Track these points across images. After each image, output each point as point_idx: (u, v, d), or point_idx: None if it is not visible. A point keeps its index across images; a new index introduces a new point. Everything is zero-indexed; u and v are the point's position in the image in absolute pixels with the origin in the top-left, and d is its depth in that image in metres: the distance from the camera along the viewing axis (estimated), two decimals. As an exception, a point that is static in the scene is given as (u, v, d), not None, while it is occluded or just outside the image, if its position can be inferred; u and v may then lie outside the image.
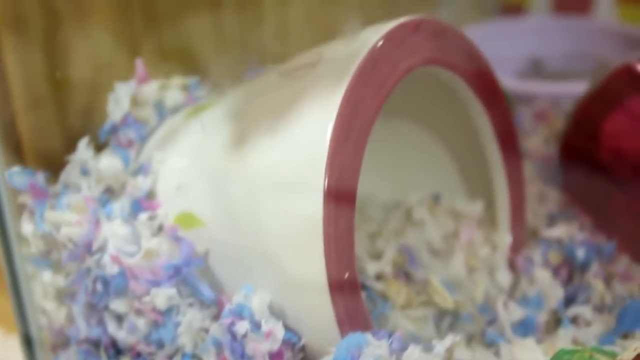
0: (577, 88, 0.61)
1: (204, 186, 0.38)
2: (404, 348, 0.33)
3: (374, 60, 0.35)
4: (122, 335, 0.39)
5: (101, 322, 0.39)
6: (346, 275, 0.33)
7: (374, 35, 0.36)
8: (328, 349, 0.33)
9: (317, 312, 0.34)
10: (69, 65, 0.50)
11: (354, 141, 0.34)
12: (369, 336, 0.33)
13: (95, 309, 0.39)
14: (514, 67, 0.82)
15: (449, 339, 0.34)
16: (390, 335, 0.34)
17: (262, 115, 0.37)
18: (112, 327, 0.39)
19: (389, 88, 0.36)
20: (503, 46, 0.82)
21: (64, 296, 0.41)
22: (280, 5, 0.68)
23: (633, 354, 0.32)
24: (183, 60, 0.58)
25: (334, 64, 0.36)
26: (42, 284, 0.41)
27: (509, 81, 0.67)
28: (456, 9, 0.87)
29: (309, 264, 0.33)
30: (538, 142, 0.58)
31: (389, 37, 0.36)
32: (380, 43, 0.36)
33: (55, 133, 0.50)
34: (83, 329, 0.40)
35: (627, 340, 0.39)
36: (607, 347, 0.37)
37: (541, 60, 0.82)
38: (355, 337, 0.33)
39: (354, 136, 0.34)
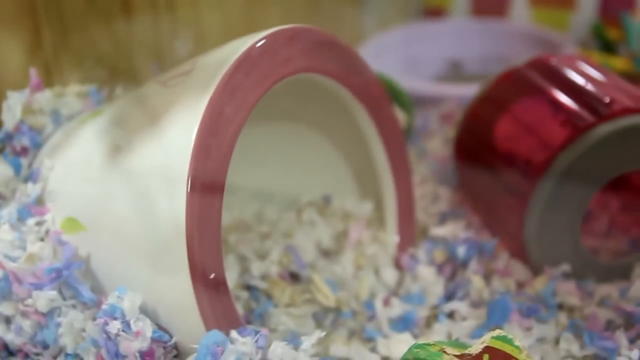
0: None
1: (86, 191, 0.40)
2: (266, 342, 0.35)
3: (243, 69, 0.37)
4: (10, 337, 0.40)
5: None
6: (212, 276, 0.35)
7: (244, 44, 0.38)
8: (194, 347, 0.34)
9: (184, 312, 0.35)
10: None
11: (219, 145, 0.36)
12: (233, 333, 0.35)
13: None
14: (434, 69, 0.84)
15: (316, 335, 0.36)
16: (257, 332, 0.35)
17: (138, 122, 0.38)
18: (1, 330, 0.40)
19: (258, 95, 0.37)
20: (424, 48, 0.84)
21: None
22: (196, 10, 0.69)
23: (480, 347, 0.34)
24: (93, 68, 0.59)
25: (204, 72, 0.37)
26: None
27: (419, 84, 0.69)
28: (379, 11, 0.89)
29: (175, 263, 0.35)
30: (439, 143, 0.60)
31: (259, 46, 0.38)
32: (250, 52, 0.37)
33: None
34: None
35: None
36: (466, 341, 0.39)
37: (460, 63, 0.84)
38: (216, 334, 0.34)
39: (220, 141, 0.36)
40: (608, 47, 0.76)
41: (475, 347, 0.34)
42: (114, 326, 0.35)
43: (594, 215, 0.52)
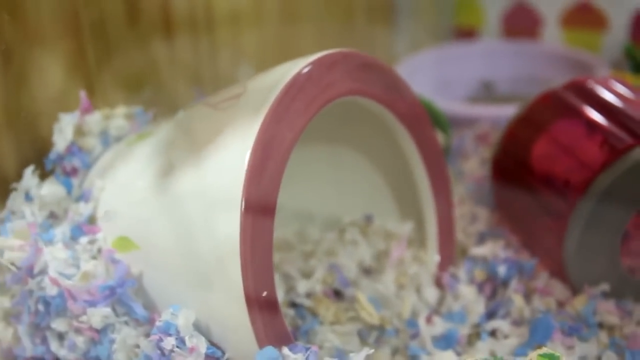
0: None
1: (138, 211, 0.41)
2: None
3: (291, 95, 0.38)
4: (63, 352, 0.41)
5: (45, 341, 0.42)
6: (264, 294, 0.36)
7: (291, 70, 0.39)
8: (247, 363, 0.35)
9: (237, 329, 0.36)
10: (22, 94, 0.53)
11: (271, 167, 0.37)
12: (285, 350, 0.35)
13: (39, 329, 0.42)
14: (466, 90, 0.85)
15: (364, 352, 0.37)
16: (307, 349, 0.36)
17: (190, 145, 0.39)
18: (54, 346, 0.41)
19: (306, 119, 0.39)
20: (456, 69, 0.85)
21: (9, 317, 0.43)
22: (234, 31, 0.70)
23: (527, 364, 0.34)
24: (136, 89, 0.61)
25: (255, 96, 0.38)
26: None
27: (453, 105, 0.70)
28: (411, 33, 0.90)
29: (228, 282, 0.36)
30: (476, 163, 0.61)
31: (305, 72, 0.39)
32: (297, 78, 0.38)
33: (10, 161, 0.52)
34: (28, 347, 0.42)
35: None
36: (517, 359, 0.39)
37: (492, 83, 0.85)
38: (270, 351, 0.35)
39: (272, 163, 0.37)
40: (640, 68, 0.76)
41: (522, 365, 0.34)
42: (169, 342, 0.36)
43: (632, 235, 0.52)
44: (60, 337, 0.41)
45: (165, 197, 0.39)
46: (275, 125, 0.37)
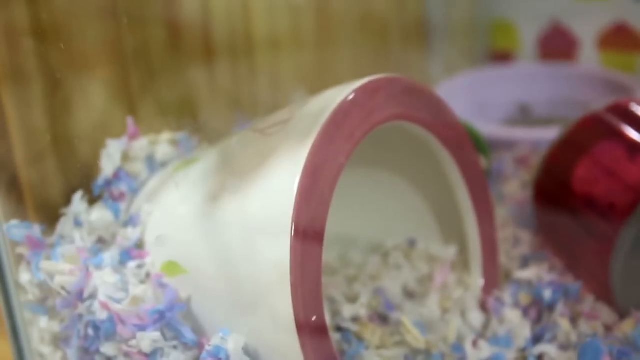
0: (556, 134, 0.64)
1: (186, 236, 0.41)
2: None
3: (337, 121, 0.38)
4: (112, 376, 0.41)
5: (92, 362, 0.42)
6: (313, 319, 0.36)
7: (337, 97, 0.39)
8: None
9: (287, 354, 0.36)
10: (68, 120, 0.54)
11: (320, 193, 0.37)
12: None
13: (88, 353, 0.42)
14: (503, 113, 0.85)
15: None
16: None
17: (237, 170, 0.40)
18: (103, 370, 0.42)
19: (354, 144, 0.39)
20: (492, 93, 0.85)
21: (59, 341, 0.44)
22: (273, 58, 0.71)
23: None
24: (178, 114, 0.61)
25: (302, 122, 0.39)
26: (39, 330, 0.44)
27: (492, 128, 0.70)
28: (446, 56, 0.91)
29: (278, 308, 0.36)
30: (516, 186, 0.61)
31: (350, 99, 0.39)
32: (342, 105, 0.38)
33: (56, 186, 0.53)
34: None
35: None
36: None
37: (528, 106, 0.85)
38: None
39: (320, 188, 0.37)
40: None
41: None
42: (219, 366, 0.37)
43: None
44: (109, 360, 0.42)
45: (211, 222, 0.40)
46: (323, 151, 0.37)
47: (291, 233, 0.36)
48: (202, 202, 0.41)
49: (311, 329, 0.36)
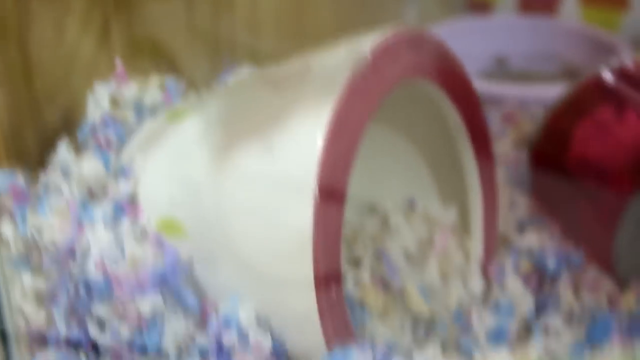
0: (545, 92, 0.62)
1: (187, 193, 0.39)
2: (386, 359, 0.34)
3: (362, 73, 0.36)
4: (104, 339, 0.39)
5: (82, 325, 0.40)
6: (333, 288, 0.34)
7: (361, 47, 0.37)
8: (315, 361, 0.34)
9: (304, 324, 0.34)
10: (42, 60, 0.50)
11: (343, 153, 0.35)
12: (354, 351, 0.34)
13: (77, 313, 0.39)
14: (480, 66, 0.83)
15: (430, 350, 0.35)
16: (372, 347, 0.34)
17: (250, 124, 0.37)
18: (93, 331, 0.39)
19: (378, 100, 0.37)
20: (469, 44, 0.83)
21: (43, 299, 0.41)
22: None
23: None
24: (154, 53, 0.58)
25: (322, 75, 0.36)
26: (22, 286, 0.41)
27: (476, 82, 0.68)
28: (422, 6, 0.88)
29: (297, 275, 0.34)
30: (507, 146, 0.59)
31: (377, 50, 0.37)
32: (369, 56, 0.36)
33: (30, 133, 0.49)
34: (63, 331, 0.40)
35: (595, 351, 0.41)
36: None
37: (506, 59, 0.83)
38: (340, 353, 0.33)
39: (343, 148, 0.35)
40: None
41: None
42: (230, 337, 0.35)
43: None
44: (101, 323, 0.39)
45: (221, 179, 0.37)
46: (347, 109, 0.35)
47: (315, 196, 0.33)
48: (207, 158, 0.38)
49: (330, 297, 0.34)
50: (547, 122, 0.53)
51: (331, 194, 0.34)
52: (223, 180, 0.37)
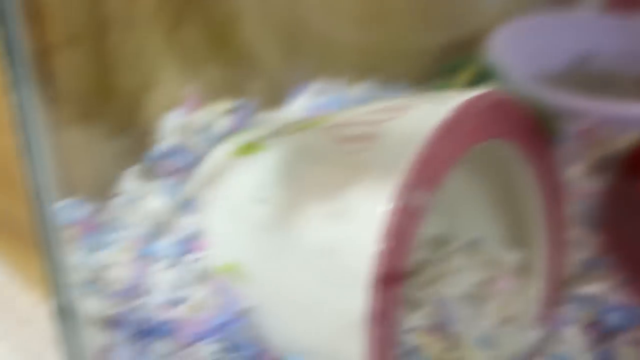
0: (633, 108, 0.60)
1: (252, 240, 0.39)
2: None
3: (432, 153, 0.35)
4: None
5: (142, 357, 0.41)
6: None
7: (433, 117, 0.36)
8: None
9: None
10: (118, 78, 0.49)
11: (406, 233, 0.35)
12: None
13: (138, 343, 0.41)
14: (561, 64, 0.81)
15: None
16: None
17: (315, 185, 0.37)
18: (152, 364, 0.40)
19: (444, 174, 0.36)
20: (551, 41, 0.81)
21: (106, 323, 0.42)
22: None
23: None
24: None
25: (392, 146, 0.36)
26: (86, 310, 0.42)
27: (552, 92, 0.66)
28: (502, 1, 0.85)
29: (349, 353, 0.34)
30: (579, 172, 0.58)
31: (450, 121, 0.36)
32: (440, 130, 0.35)
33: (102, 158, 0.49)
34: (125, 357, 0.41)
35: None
36: None
37: (590, 59, 0.81)
38: None
39: (406, 229, 0.35)
40: None
41: None
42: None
43: None
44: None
45: (282, 235, 0.37)
46: (415, 183, 0.35)
47: (373, 278, 0.33)
48: (271, 210, 0.38)
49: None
50: (631, 147, 0.51)
51: (390, 277, 0.34)
52: (284, 237, 0.37)
